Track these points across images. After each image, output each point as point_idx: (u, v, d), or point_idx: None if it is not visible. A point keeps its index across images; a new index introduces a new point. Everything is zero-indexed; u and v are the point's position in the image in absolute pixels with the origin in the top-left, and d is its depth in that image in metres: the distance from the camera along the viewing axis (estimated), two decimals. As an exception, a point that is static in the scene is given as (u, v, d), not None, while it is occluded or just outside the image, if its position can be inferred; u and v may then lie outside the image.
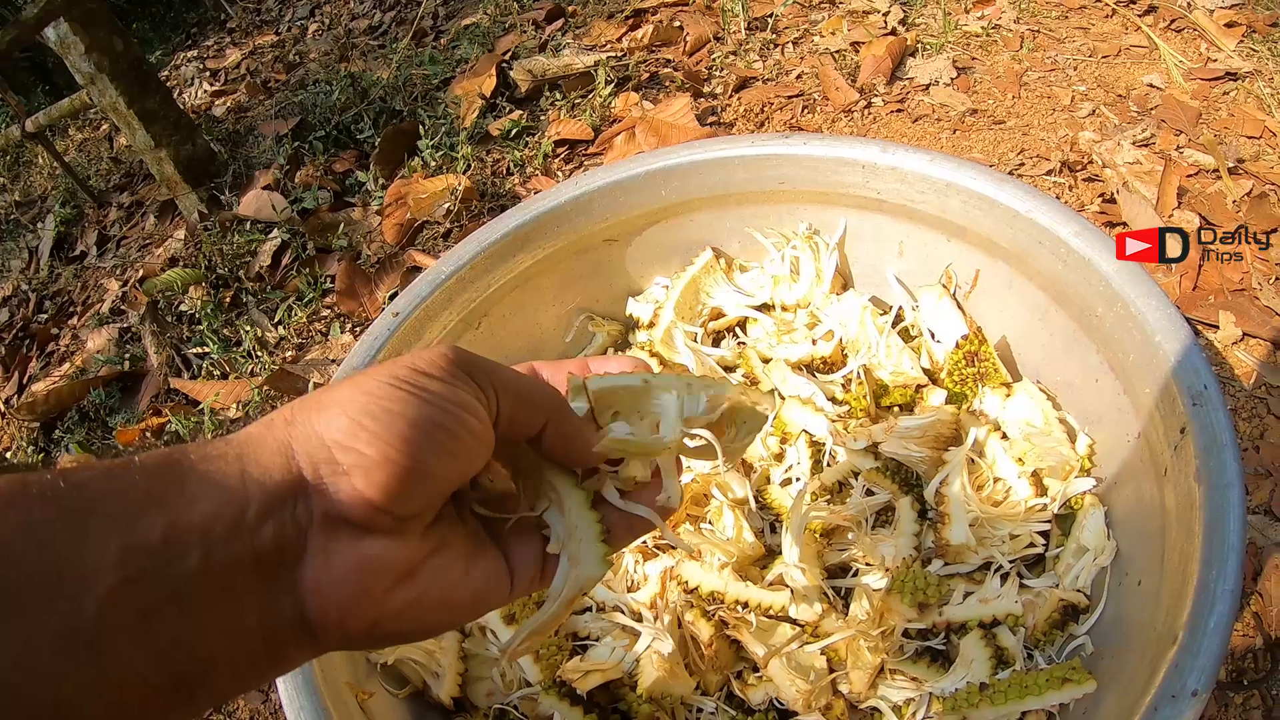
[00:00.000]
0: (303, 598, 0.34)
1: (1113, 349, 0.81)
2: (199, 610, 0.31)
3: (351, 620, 0.35)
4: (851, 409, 0.88)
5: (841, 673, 0.81)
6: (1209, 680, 0.60)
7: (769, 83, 1.70)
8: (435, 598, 0.38)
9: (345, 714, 0.73)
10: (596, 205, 0.96)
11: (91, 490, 0.30)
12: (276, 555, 0.33)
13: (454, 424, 0.36)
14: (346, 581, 0.34)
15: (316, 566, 0.34)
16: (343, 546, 0.34)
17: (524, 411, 0.40)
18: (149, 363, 1.61)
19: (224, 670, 0.32)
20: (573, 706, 0.80)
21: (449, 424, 0.36)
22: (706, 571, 0.81)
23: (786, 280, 0.99)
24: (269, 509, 0.33)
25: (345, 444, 0.34)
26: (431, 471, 0.35)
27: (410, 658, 0.83)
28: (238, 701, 1.16)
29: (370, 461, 0.34)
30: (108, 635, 0.28)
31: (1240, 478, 0.67)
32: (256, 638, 0.33)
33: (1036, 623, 0.81)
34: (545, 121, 1.70)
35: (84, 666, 0.28)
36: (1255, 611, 0.98)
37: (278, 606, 0.33)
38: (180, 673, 0.31)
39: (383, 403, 0.35)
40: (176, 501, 0.31)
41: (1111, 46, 1.65)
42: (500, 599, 0.42)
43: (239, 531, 0.32)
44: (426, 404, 0.36)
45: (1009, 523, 0.84)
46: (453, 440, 0.36)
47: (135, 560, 0.29)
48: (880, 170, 0.91)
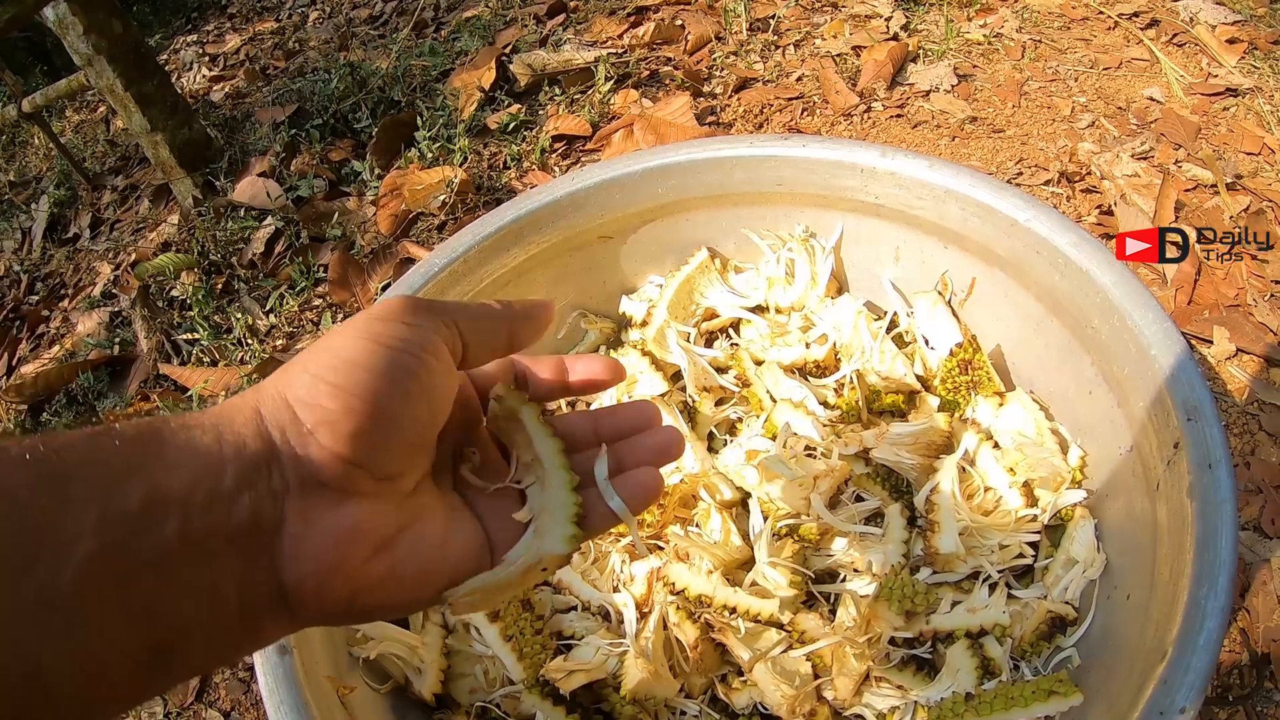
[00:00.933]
0: (280, 568, 0.34)
1: (1108, 361, 0.81)
2: (176, 579, 0.31)
3: (329, 591, 0.35)
4: (843, 414, 0.87)
5: (827, 679, 0.80)
6: (1197, 698, 0.59)
7: (769, 84, 1.69)
8: (414, 568, 0.37)
9: (325, 708, 0.72)
10: (592, 202, 0.95)
11: (71, 455, 0.30)
12: (253, 525, 0.33)
13: (415, 364, 0.36)
14: (324, 550, 0.34)
15: (294, 535, 0.34)
16: (321, 514, 0.34)
17: (485, 324, 0.41)
18: (139, 347, 1.60)
19: (199, 641, 0.32)
20: (555, 706, 0.79)
21: (410, 365, 0.36)
22: (694, 574, 0.80)
23: (781, 283, 0.98)
24: (245, 478, 0.33)
25: (308, 401, 0.34)
26: (398, 416, 0.35)
27: (392, 653, 0.83)
28: (219, 691, 1.15)
29: (334, 415, 0.34)
30: (85, 603, 0.28)
31: (1234, 494, 0.66)
32: (233, 608, 0.33)
33: (1024, 634, 0.81)
34: (543, 116, 1.69)
35: (60, 636, 0.28)
36: (1242, 627, 0.98)
37: (255, 576, 0.33)
38: (157, 642, 0.30)
39: (342, 355, 0.35)
40: (156, 469, 0.31)
41: (1113, 59, 1.66)
42: (478, 570, 0.41)
43: (216, 500, 0.32)
44: (386, 349, 0.36)
45: (999, 532, 0.84)
46: (415, 381, 0.36)
47: (114, 527, 0.29)
48: (879, 175, 0.90)
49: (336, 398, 0.34)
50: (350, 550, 0.35)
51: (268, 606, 0.34)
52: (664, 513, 0.83)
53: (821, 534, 0.84)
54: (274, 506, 0.34)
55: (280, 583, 0.34)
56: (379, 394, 0.35)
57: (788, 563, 0.80)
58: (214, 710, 1.13)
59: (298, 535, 0.34)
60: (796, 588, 0.80)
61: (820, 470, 0.82)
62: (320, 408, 0.34)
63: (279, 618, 0.35)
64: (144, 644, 0.30)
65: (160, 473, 0.31)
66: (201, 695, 1.15)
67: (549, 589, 0.89)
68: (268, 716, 0.69)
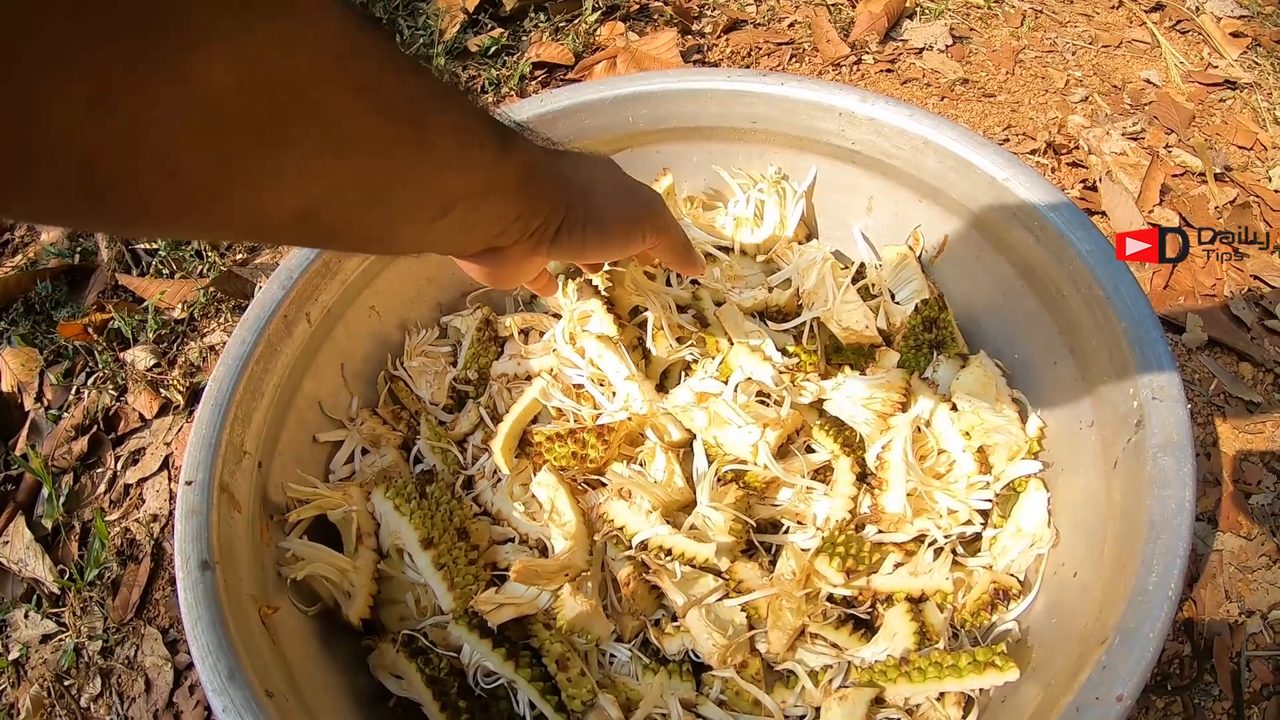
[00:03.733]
0: (479, 259, 0.55)
1: (1076, 333, 0.79)
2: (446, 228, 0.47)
3: (475, 269, 0.57)
4: (801, 362, 0.85)
5: (761, 631, 0.79)
6: (1136, 687, 0.58)
7: (760, 27, 1.65)
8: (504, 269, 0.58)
9: (245, 628, 0.70)
10: (560, 126, 0.91)
11: (431, 121, 0.40)
12: (499, 239, 0.52)
13: (633, 247, 0.65)
14: (508, 270, 0.58)
15: (508, 258, 0.55)
16: (525, 256, 0.56)
17: (662, 256, 0.75)
18: (99, 257, 1.56)
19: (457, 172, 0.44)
20: (482, 639, 0.78)
21: (631, 247, 0.65)
22: (634, 513, 0.78)
23: (749, 223, 0.95)
24: (527, 220, 0.52)
25: (597, 217, 0.57)
26: (599, 258, 0.63)
27: (322, 575, 0.81)
28: (159, 608, 1.13)
29: (594, 241, 0.58)
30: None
31: (1193, 480, 0.65)
32: (455, 237, 0.50)
33: (966, 602, 0.80)
34: (526, 43, 1.64)
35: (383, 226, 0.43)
36: (1188, 618, 0.98)
37: (469, 246, 0.53)
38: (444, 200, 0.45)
39: (629, 209, 0.62)
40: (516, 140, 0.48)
41: (1113, 37, 1.63)
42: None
43: (503, 220, 0.50)
44: (641, 235, 0.65)
45: (949, 497, 0.82)
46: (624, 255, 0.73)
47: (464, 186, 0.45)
48: (858, 120, 0.87)
49: (603, 240, 0.59)
50: (512, 274, 0.60)
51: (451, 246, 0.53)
52: (609, 449, 0.81)
53: (767, 483, 0.82)
54: (521, 240, 0.53)
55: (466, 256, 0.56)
56: (613, 249, 0.63)
57: (729, 508, 0.78)
58: (153, 627, 1.12)
59: (509, 259, 0.55)
60: (736, 535, 0.78)
61: (771, 418, 0.80)
62: (598, 227, 0.58)
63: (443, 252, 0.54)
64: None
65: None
66: (141, 611, 1.13)
67: (487, 519, 0.87)
68: (185, 630, 0.68)
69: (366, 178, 0.37)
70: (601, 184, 0.59)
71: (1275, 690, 0.94)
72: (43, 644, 1.12)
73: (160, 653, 1.08)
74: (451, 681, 0.79)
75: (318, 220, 0.37)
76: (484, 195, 0.46)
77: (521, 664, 0.77)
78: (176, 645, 1.09)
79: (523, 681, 0.77)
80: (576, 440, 0.81)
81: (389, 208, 0.40)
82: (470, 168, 0.43)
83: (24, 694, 1.08)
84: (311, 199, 0.35)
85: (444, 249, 0.51)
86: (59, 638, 1.12)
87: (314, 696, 0.73)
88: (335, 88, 0.32)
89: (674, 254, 0.71)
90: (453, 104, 0.41)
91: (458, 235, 0.48)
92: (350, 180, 0.36)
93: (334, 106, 0.32)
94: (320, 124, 0.32)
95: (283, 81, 0.29)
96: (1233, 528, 1.03)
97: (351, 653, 0.82)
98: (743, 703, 0.77)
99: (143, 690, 1.06)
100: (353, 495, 0.85)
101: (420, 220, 0.43)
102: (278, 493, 0.83)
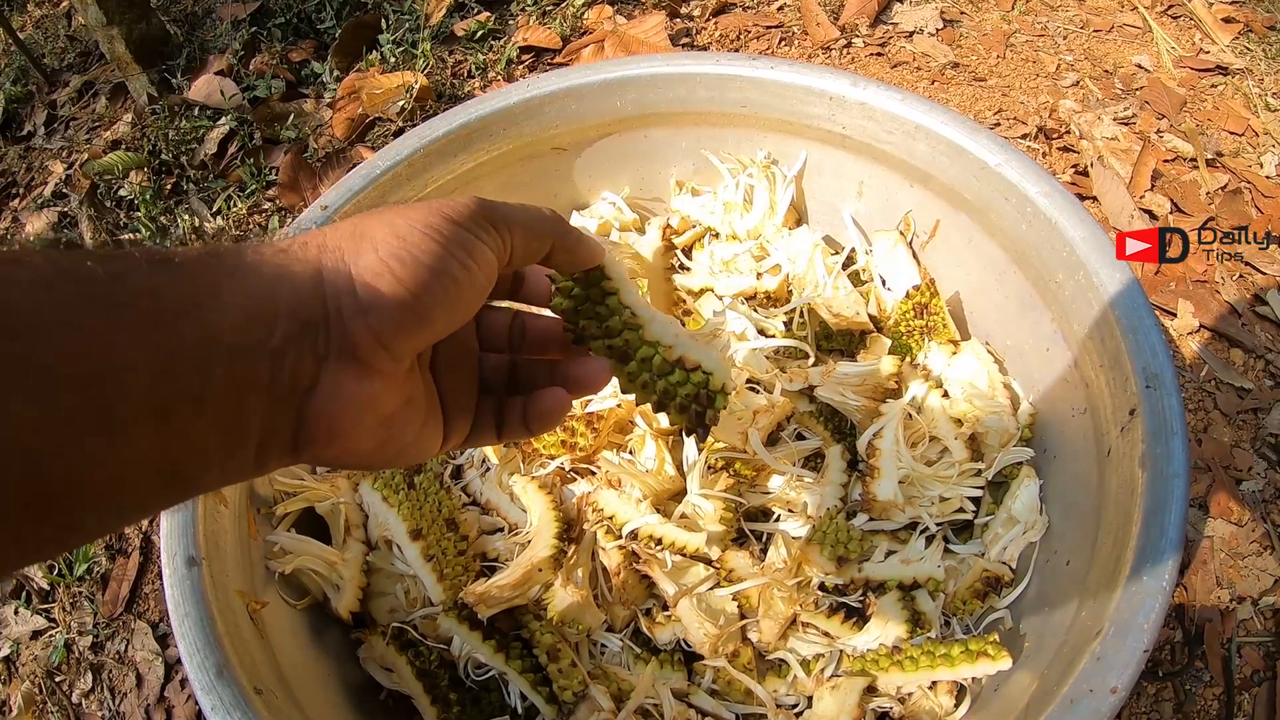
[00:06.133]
0: (303, 420, 0.37)
1: (1068, 319, 0.78)
2: (211, 413, 0.33)
3: (332, 448, 0.38)
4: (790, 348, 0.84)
5: (752, 620, 0.79)
6: (1131, 678, 0.58)
7: (749, 10, 1.64)
8: (396, 445, 0.41)
9: (232, 623, 0.69)
10: (548, 110, 0.90)
11: (130, 285, 0.31)
12: (291, 381, 0.35)
13: (464, 275, 0.39)
14: (342, 413, 0.37)
15: (324, 395, 0.37)
16: (347, 382, 0.37)
17: (534, 243, 0.43)
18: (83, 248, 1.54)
19: (216, 466, 0.35)
20: (472, 631, 0.77)
21: (460, 274, 0.38)
22: (624, 502, 0.78)
23: (739, 208, 0.94)
24: (294, 338, 0.35)
25: (369, 283, 0.36)
26: (434, 320, 0.38)
27: (311, 569, 0.80)
28: (149, 602, 1.12)
29: (388, 304, 0.36)
30: (128, 422, 0.30)
31: (1187, 468, 0.64)
32: (253, 444, 0.35)
33: (957, 590, 0.79)
34: (513, 26, 1.62)
35: (102, 447, 0.30)
36: (1179, 603, 0.98)
37: (279, 423, 0.36)
38: (179, 462, 0.33)
39: (409, 247, 0.37)
40: (211, 309, 0.33)
41: (1105, 22, 1.62)
42: (430, 453, 0.45)
43: (263, 353, 0.34)
44: (448, 253, 0.38)
45: (940, 484, 0.82)
46: (459, 288, 0.38)
47: (164, 361, 0.31)
48: (849, 104, 0.86)
49: (396, 288, 0.36)
50: (362, 417, 0.38)
51: (279, 446, 0.37)
52: (598, 437, 0.80)
53: (758, 471, 0.81)
54: (314, 367, 0.36)
55: (297, 431, 0.37)
56: (431, 295, 0.37)
57: (720, 494, 0.78)
58: (143, 621, 1.11)
59: (325, 396, 0.37)
60: (727, 524, 0.78)
61: (760, 405, 0.79)
62: (379, 293, 0.36)
63: (284, 456, 0.37)
64: (170, 462, 0.32)
65: (214, 313, 0.32)
66: (131, 606, 1.13)
67: (476, 509, 0.86)
68: (173, 628, 0.67)
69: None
70: (363, 237, 0.38)
71: (1266, 676, 0.94)
72: (33, 640, 1.11)
73: (151, 647, 1.08)
74: (442, 674, 0.79)
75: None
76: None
77: (512, 655, 0.77)
78: (167, 639, 1.08)
79: (514, 673, 0.76)
80: (565, 428, 0.81)
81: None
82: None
83: (15, 691, 1.07)
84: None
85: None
86: (49, 633, 1.11)
87: (304, 691, 0.72)
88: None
89: (537, 243, 0.44)
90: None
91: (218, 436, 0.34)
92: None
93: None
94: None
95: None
96: (1224, 514, 1.03)
97: (341, 646, 0.82)
98: (735, 692, 0.77)
99: (134, 685, 1.06)
100: (340, 487, 0.84)
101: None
102: (264, 485, 0.82)
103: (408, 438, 0.42)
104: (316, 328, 0.36)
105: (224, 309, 0.33)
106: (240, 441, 0.35)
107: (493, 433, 0.48)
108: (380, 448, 0.41)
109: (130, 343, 0.30)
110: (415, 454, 0.44)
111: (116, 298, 0.30)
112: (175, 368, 0.31)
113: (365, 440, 0.39)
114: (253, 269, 0.35)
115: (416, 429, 0.43)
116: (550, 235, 0.44)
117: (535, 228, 0.43)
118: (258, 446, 0.36)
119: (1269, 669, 0.94)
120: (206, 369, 0.32)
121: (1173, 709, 0.93)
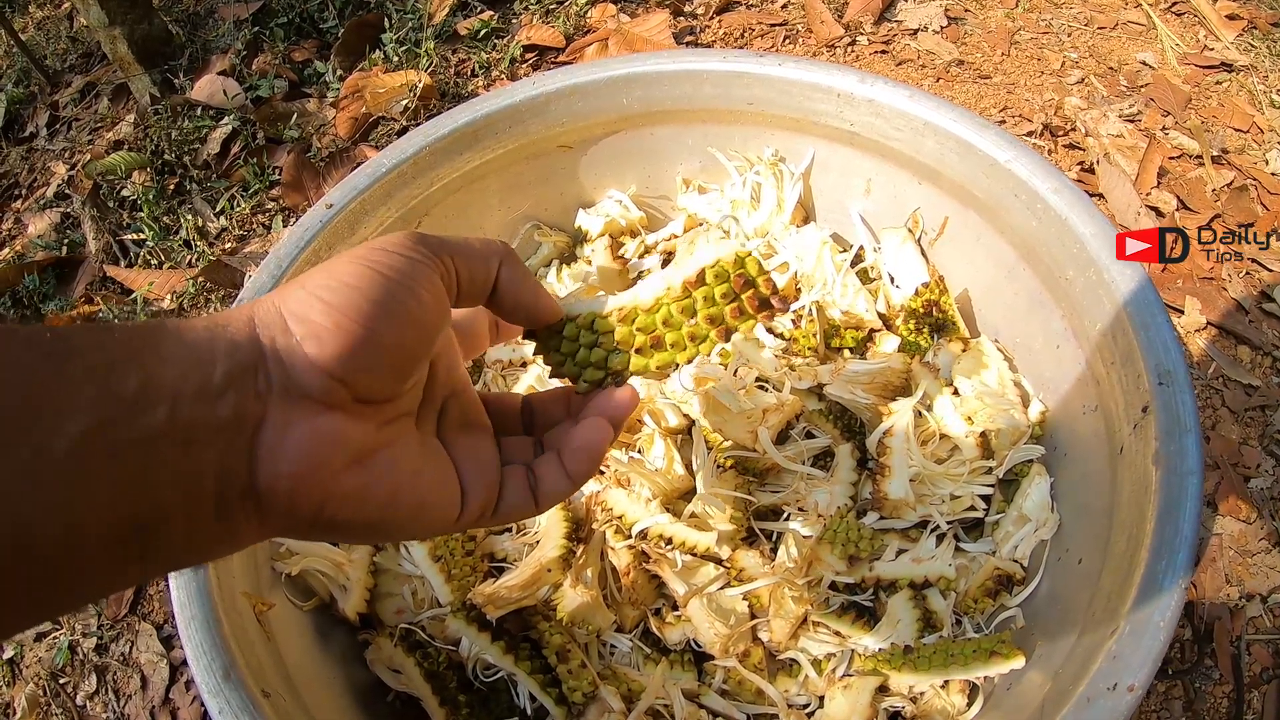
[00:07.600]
0: (257, 460, 0.35)
1: (1079, 315, 0.78)
2: (161, 460, 0.32)
3: (300, 495, 0.36)
4: (799, 346, 0.84)
5: (763, 620, 0.78)
6: (1147, 677, 0.57)
7: (753, 8, 1.64)
8: (385, 489, 0.39)
9: (239, 625, 0.69)
10: (553, 108, 0.90)
11: (74, 341, 0.31)
12: (236, 419, 0.35)
13: (406, 294, 0.38)
14: (300, 452, 0.36)
15: (273, 432, 0.35)
16: (300, 418, 0.36)
17: (478, 265, 0.43)
18: (86, 249, 1.54)
19: (179, 526, 0.34)
20: (480, 632, 0.77)
21: (401, 294, 0.38)
22: (633, 501, 0.77)
23: (746, 206, 0.94)
24: (233, 376, 0.35)
25: (299, 314, 0.36)
26: (384, 340, 0.37)
27: (317, 570, 0.80)
28: (153, 604, 1.12)
29: (322, 329, 0.36)
30: (76, 472, 0.30)
31: (1200, 466, 0.63)
32: (210, 497, 0.34)
33: (969, 589, 0.79)
34: (516, 25, 1.62)
35: (50, 500, 0.29)
36: (1188, 601, 0.97)
37: (232, 466, 0.35)
38: (138, 519, 0.32)
39: (338, 276, 0.37)
40: (151, 360, 0.33)
41: (1109, 19, 1.61)
42: (447, 515, 0.43)
43: (205, 394, 0.34)
44: (382, 276, 0.38)
45: (951, 482, 0.81)
46: (404, 309, 0.38)
47: (108, 407, 0.31)
48: (856, 101, 0.86)
49: (328, 314, 0.36)
50: (327, 454, 0.37)
51: (240, 502, 0.35)
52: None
53: (767, 469, 0.81)
54: (257, 404, 0.35)
55: (255, 477, 0.35)
56: (368, 316, 0.37)
57: (729, 492, 0.77)
58: (147, 623, 1.11)
59: (276, 433, 0.35)
60: (737, 523, 0.78)
61: (770, 404, 0.79)
62: (311, 322, 0.36)
63: (251, 516, 0.36)
64: (126, 518, 0.31)
65: (155, 364, 0.33)
66: (135, 607, 1.12)
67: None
68: (179, 630, 0.66)
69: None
70: (292, 284, 0.38)
71: (1275, 674, 0.93)
72: (37, 642, 1.11)
73: (155, 649, 1.07)
74: (450, 675, 0.78)
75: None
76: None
77: (521, 656, 0.76)
78: (171, 641, 1.08)
79: (523, 674, 0.76)
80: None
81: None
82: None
83: (19, 693, 1.07)
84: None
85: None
86: (53, 635, 1.11)
87: (311, 693, 0.72)
88: None
89: (480, 264, 0.44)
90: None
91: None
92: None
93: None
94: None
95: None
96: (1232, 511, 1.03)
97: (348, 647, 0.81)
98: (746, 692, 0.77)
99: (138, 687, 1.05)
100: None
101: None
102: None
103: (399, 482, 0.40)
104: (254, 367, 0.35)
105: (164, 360, 0.33)
106: (197, 492, 0.34)
107: (529, 499, 0.45)
108: (365, 491, 0.38)
109: (73, 389, 0.30)
110: (427, 516, 0.42)
111: (60, 351, 0.31)
112: (118, 413, 0.31)
113: (343, 482, 0.37)
114: (189, 328, 0.35)
115: (409, 476, 0.40)
116: (495, 255, 0.44)
117: (474, 249, 0.43)
118: (216, 498, 0.34)
119: (1278, 666, 0.94)
120: (150, 413, 0.32)
121: (1182, 707, 0.92)
